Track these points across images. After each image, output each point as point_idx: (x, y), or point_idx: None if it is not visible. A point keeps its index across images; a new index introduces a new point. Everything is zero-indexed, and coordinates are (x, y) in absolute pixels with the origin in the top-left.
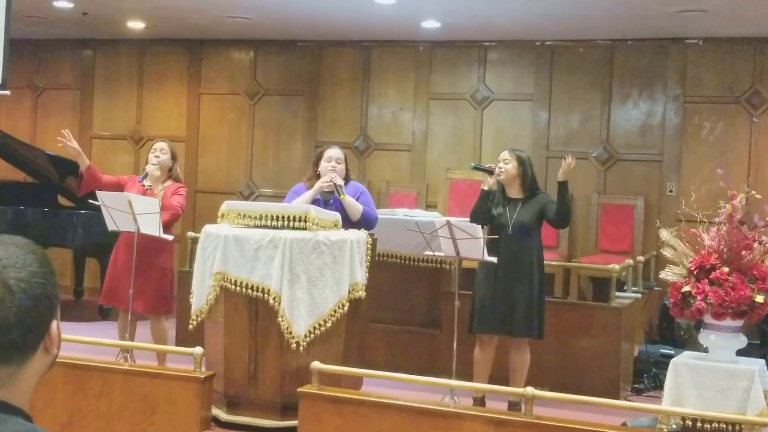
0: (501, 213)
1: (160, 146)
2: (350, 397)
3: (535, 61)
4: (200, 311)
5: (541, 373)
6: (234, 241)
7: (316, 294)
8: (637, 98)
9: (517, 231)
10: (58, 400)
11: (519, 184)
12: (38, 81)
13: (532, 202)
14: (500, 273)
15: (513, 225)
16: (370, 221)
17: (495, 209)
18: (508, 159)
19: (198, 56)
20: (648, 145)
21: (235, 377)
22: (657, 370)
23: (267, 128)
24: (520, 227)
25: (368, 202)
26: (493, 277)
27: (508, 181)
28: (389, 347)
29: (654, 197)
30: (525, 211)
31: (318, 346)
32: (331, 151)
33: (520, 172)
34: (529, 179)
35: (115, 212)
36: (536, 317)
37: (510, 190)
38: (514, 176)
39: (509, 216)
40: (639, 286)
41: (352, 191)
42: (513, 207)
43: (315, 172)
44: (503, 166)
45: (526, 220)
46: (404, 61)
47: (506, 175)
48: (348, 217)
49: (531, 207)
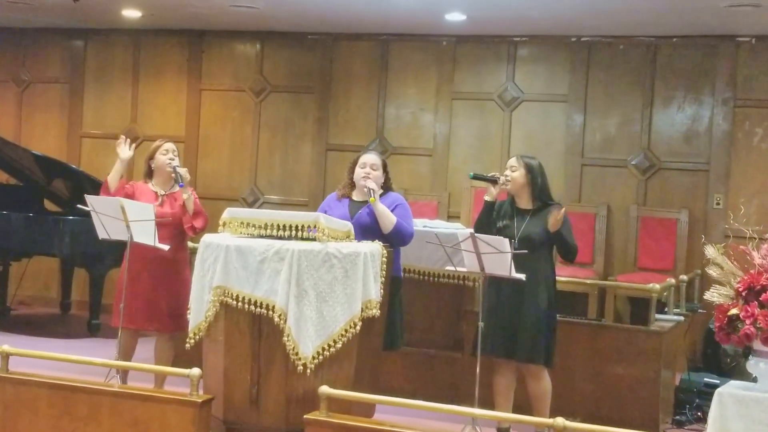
0: (507, 225)
1: (172, 147)
2: (362, 425)
3: (570, 59)
4: (198, 329)
5: (573, 402)
6: (236, 252)
7: (326, 311)
8: (682, 101)
9: (524, 245)
10: (41, 423)
11: (528, 194)
12: (23, 74)
13: (542, 213)
14: (504, 291)
15: (519, 238)
16: (403, 235)
17: (501, 221)
18: (515, 166)
19: (199, 48)
20: (693, 153)
21: (235, 402)
22: (700, 401)
23: (274, 129)
24: (527, 241)
25: (404, 216)
26: (496, 293)
27: (515, 190)
28: (405, 371)
29: (699, 210)
30: (533, 223)
31: (327, 368)
32: (366, 157)
33: (528, 180)
34: (538, 188)
35: (106, 219)
36: (543, 341)
37: (519, 200)
38: (522, 185)
39: (516, 228)
40: (681, 308)
41: (388, 202)
42: (521, 218)
43: (350, 179)
44: (509, 173)
45: (533, 234)
46: (426, 57)
47: (513, 183)
48: (379, 228)
49: (541, 219)
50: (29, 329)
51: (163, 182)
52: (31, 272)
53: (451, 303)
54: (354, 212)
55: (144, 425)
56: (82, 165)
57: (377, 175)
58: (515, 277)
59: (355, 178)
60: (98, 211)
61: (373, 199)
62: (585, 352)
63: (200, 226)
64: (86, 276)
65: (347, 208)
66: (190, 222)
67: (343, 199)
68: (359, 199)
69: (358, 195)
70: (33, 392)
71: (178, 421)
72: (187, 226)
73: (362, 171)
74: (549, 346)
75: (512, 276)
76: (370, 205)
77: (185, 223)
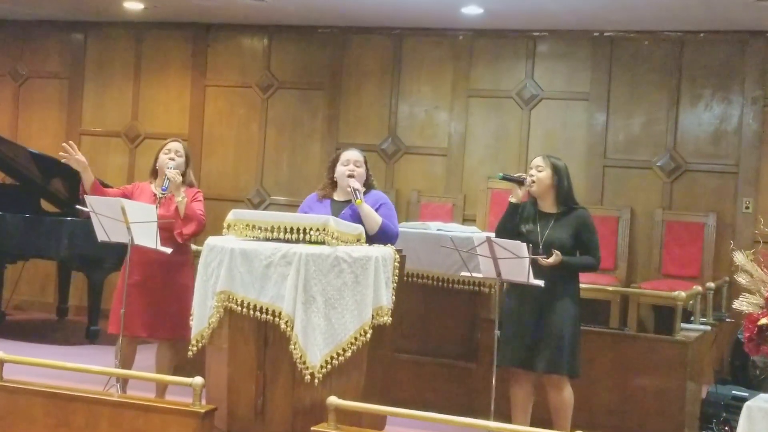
0: (531, 230)
1: (175, 147)
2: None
3: (592, 55)
4: (201, 336)
5: (593, 415)
6: (241, 255)
7: (335, 319)
8: (709, 100)
9: (549, 251)
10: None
11: (553, 197)
12: (21, 68)
13: (568, 218)
14: (528, 298)
15: (544, 244)
16: (389, 236)
17: (524, 225)
18: (541, 166)
19: (204, 43)
20: (721, 154)
21: (239, 412)
22: (728, 414)
23: (281, 127)
24: (552, 247)
25: (389, 215)
26: (518, 301)
27: (540, 192)
28: (418, 381)
29: (727, 214)
30: (559, 228)
31: (336, 378)
32: (349, 153)
33: (554, 182)
34: (564, 191)
35: (106, 220)
36: (567, 351)
37: (543, 203)
38: (548, 186)
39: (540, 233)
40: (708, 317)
41: (371, 201)
42: (545, 223)
43: (331, 178)
44: (535, 173)
45: (559, 239)
46: (441, 52)
47: (538, 184)
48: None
49: (566, 224)
50: (25, 335)
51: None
52: (27, 276)
53: (466, 310)
54: (336, 213)
55: None
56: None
57: (361, 172)
58: (533, 283)
59: (338, 176)
60: (98, 212)
61: (360, 201)
62: (607, 362)
63: (189, 233)
64: (85, 280)
65: (329, 209)
66: (180, 227)
67: (325, 200)
68: (341, 199)
69: (340, 195)
70: (28, 401)
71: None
72: (176, 231)
73: (345, 168)
74: (573, 356)
75: (530, 282)
76: (353, 204)
77: (175, 228)
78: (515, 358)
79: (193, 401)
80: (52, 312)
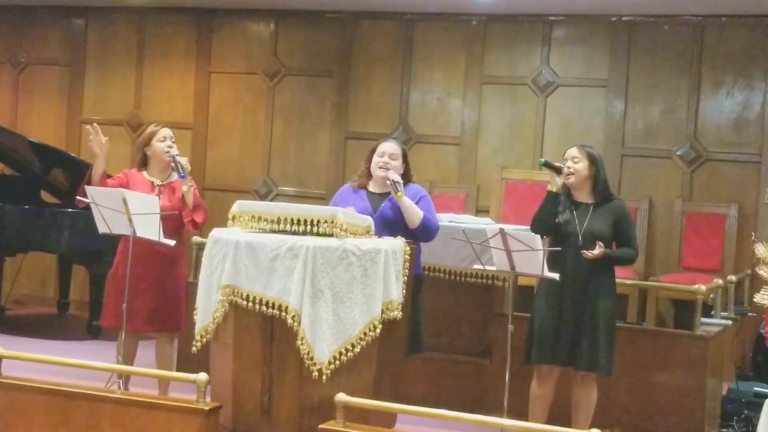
0: (568, 220)
1: (169, 133)
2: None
3: (610, 40)
4: (205, 331)
5: (610, 413)
6: (246, 248)
7: (343, 313)
8: (731, 86)
9: (589, 242)
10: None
11: (590, 187)
12: (20, 55)
13: (605, 208)
14: (566, 292)
15: (583, 235)
16: (430, 230)
17: (561, 215)
18: (577, 157)
19: (208, 28)
20: (743, 143)
21: (245, 410)
22: (749, 412)
23: (289, 115)
24: (593, 238)
25: (429, 209)
26: (556, 297)
27: (577, 183)
28: (429, 378)
29: (750, 205)
30: (598, 218)
31: (344, 375)
32: (385, 145)
33: (592, 172)
34: (601, 181)
35: (107, 212)
36: (605, 349)
37: (578, 193)
38: (585, 177)
39: (578, 224)
40: (729, 311)
41: (410, 195)
42: (582, 214)
43: (367, 169)
44: (572, 165)
45: (599, 230)
46: (453, 38)
47: (576, 175)
48: (405, 224)
49: (605, 215)
50: (24, 330)
51: (160, 171)
52: (27, 269)
53: (479, 305)
54: (376, 205)
55: None
56: (82, 153)
57: (396, 165)
58: (548, 276)
59: (372, 168)
60: (99, 203)
61: (400, 194)
62: (624, 358)
63: (201, 221)
64: (86, 274)
65: (367, 201)
66: (190, 216)
67: (360, 190)
68: (377, 191)
69: (376, 186)
70: (28, 399)
71: (183, 430)
72: (187, 220)
73: (380, 160)
74: (611, 353)
75: (545, 275)
76: (392, 198)
77: (185, 216)
78: (550, 355)
79: (198, 398)
80: (53, 306)
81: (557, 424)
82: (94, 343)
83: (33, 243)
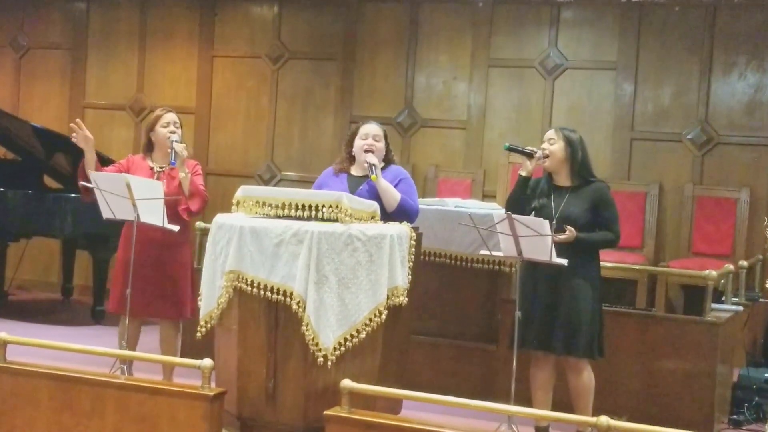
0: (544, 204)
1: (173, 118)
2: (387, 422)
3: (619, 22)
4: (210, 317)
5: (619, 399)
6: (251, 234)
7: (348, 299)
8: (743, 68)
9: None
10: (41, 418)
11: (567, 170)
12: (22, 39)
13: (584, 192)
14: (540, 278)
15: (558, 219)
16: (408, 213)
17: (537, 200)
18: (553, 139)
19: (211, 11)
20: (755, 126)
21: (250, 396)
22: (760, 398)
23: (292, 99)
24: (566, 222)
25: (409, 192)
26: (532, 282)
27: (553, 165)
28: (435, 364)
29: (761, 190)
30: (574, 202)
31: (349, 361)
32: (367, 127)
33: (567, 154)
34: (578, 163)
35: (111, 197)
36: (586, 333)
37: (557, 177)
38: (561, 160)
39: (554, 208)
40: (740, 297)
41: (390, 176)
42: (559, 198)
43: (348, 152)
44: (547, 146)
45: (574, 214)
46: (459, 20)
47: (551, 158)
48: (382, 206)
49: (582, 198)
50: (28, 316)
51: (163, 157)
52: (30, 254)
53: (486, 291)
54: (353, 189)
55: (151, 421)
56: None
57: (380, 146)
58: (556, 262)
59: (355, 151)
60: (102, 188)
61: (375, 177)
62: (633, 345)
63: (195, 209)
64: (89, 259)
65: (345, 184)
66: (185, 203)
67: (341, 174)
68: (358, 174)
69: (357, 170)
70: (32, 384)
71: (188, 416)
72: (181, 207)
73: (363, 143)
74: (592, 338)
75: (553, 261)
76: (370, 180)
77: (179, 205)
78: (533, 340)
79: (202, 384)
80: (57, 292)
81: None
82: (98, 328)
83: (36, 228)
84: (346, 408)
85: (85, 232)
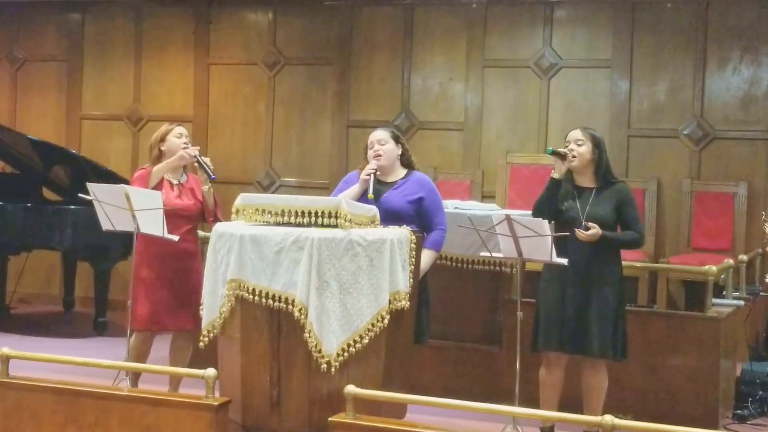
0: (571, 206)
1: (184, 131)
2: (392, 427)
3: (613, 19)
4: (212, 326)
5: (623, 397)
6: (251, 242)
7: (350, 304)
8: (737, 63)
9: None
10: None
11: (592, 171)
12: (18, 51)
13: (607, 192)
14: (570, 278)
15: (585, 220)
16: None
17: (563, 202)
18: (581, 140)
19: (206, 19)
20: (751, 121)
21: (254, 404)
22: (764, 393)
23: (289, 105)
24: (595, 222)
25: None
26: (560, 283)
27: (580, 167)
28: (439, 367)
29: (759, 183)
30: (600, 203)
31: (353, 366)
32: (372, 135)
33: (595, 156)
34: (604, 165)
35: (110, 208)
36: (617, 333)
37: (580, 177)
38: (589, 161)
39: (581, 209)
40: (741, 291)
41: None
42: (584, 198)
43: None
44: (575, 148)
45: (601, 215)
46: (454, 22)
47: (579, 159)
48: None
49: (607, 199)
50: (30, 329)
51: (174, 169)
52: (31, 267)
53: (487, 292)
54: (379, 194)
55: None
56: (82, 149)
57: (388, 148)
58: (556, 262)
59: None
60: (101, 200)
61: (371, 196)
62: (635, 342)
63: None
64: (90, 270)
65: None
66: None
67: None
68: (384, 179)
69: (383, 175)
70: (35, 398)
71: (193, 426)
72: (210, 219)
73: (371, 152)
74: (620, 338)
75: (553, 261)
76: (399, 184)
77: (207, 216)
78: (558, 342)
79: (207, 394)
80: (58, 304)
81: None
82: (101, 339)
83: (36, 241)
84: (351, 414)
85: (86, 243)
